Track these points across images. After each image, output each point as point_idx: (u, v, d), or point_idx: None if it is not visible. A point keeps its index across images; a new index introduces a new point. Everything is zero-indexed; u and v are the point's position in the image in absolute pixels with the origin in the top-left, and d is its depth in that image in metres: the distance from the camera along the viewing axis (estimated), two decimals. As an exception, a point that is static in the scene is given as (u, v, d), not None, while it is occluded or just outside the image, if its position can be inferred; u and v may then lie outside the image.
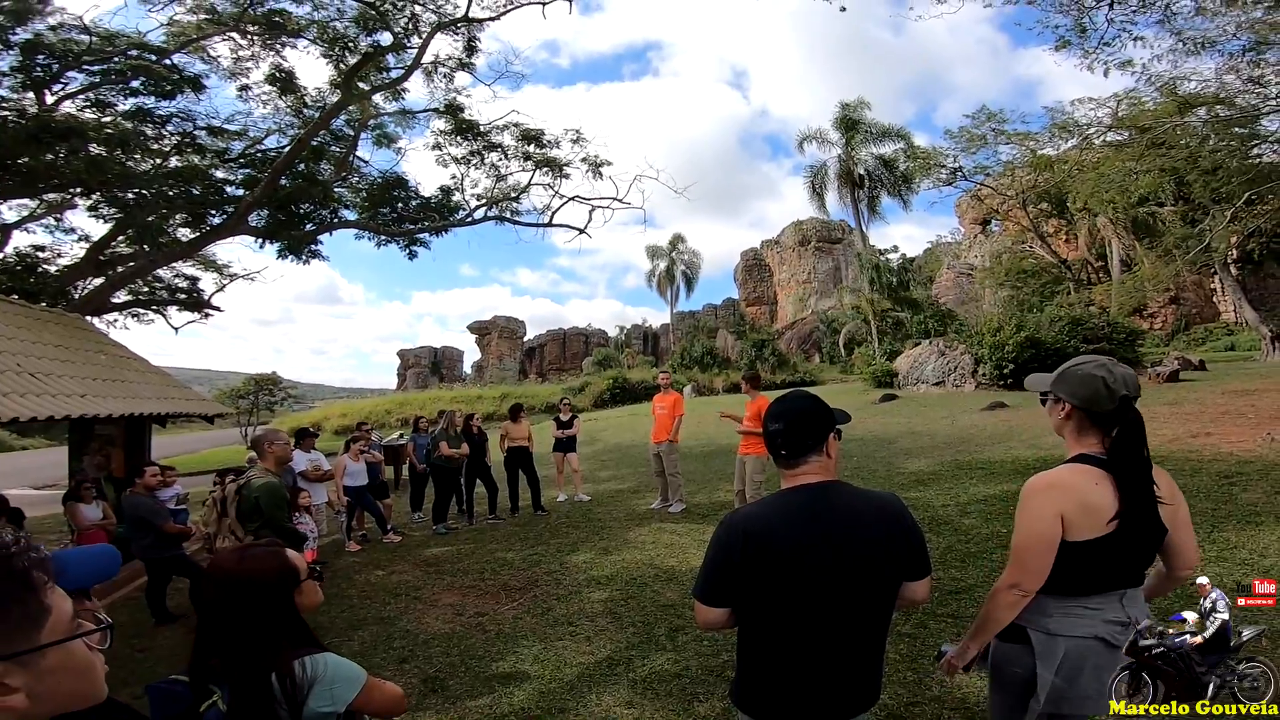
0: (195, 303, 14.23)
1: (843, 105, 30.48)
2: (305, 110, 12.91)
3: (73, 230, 14.04)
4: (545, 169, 14.56)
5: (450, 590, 5.45)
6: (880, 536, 1.55)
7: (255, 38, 11.79)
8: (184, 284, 14.05)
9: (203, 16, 11.30)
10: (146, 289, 13.34)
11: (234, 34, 11.66)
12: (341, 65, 11.72)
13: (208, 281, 14.63)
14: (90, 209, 11.92)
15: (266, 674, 1.43)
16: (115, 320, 13.21)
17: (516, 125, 14.06)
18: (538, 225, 15.41)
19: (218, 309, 14.62)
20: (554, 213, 15.21)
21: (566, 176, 14.69)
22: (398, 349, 59.50)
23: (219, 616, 1.49)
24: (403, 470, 11.06)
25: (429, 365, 58.31)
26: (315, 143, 11.99)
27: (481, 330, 58.00)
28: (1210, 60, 10.48)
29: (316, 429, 7.77)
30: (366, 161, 14.13)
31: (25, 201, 11.67)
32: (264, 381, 27.63)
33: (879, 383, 19.35)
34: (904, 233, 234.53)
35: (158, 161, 11.73)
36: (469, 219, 14.58)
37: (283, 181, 11.75)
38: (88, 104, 11.30)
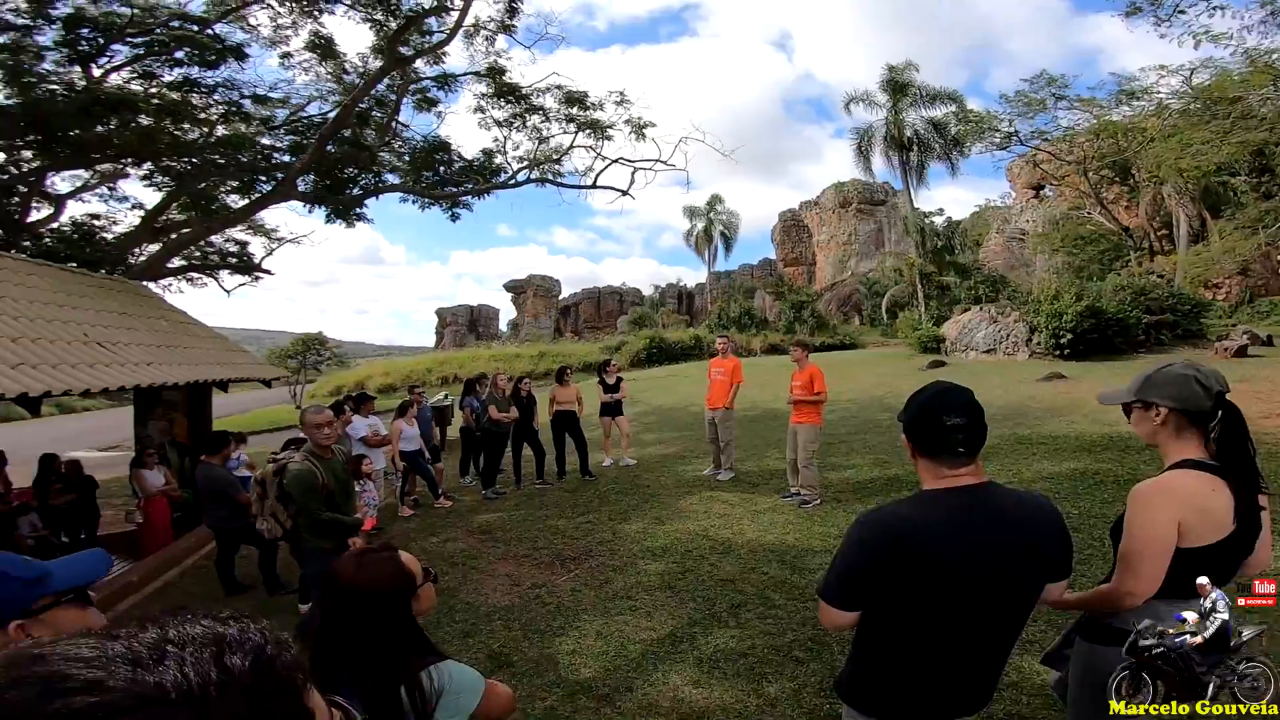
0: (246, 266, 14.55)
1: (889, 68, 28.92)
2: (346, 77, 12.86)
3: (126, 198, 14.57)
4: (588, 131, 14.36)
5: (505, 559, 5.49)
6: (1036, 542, 1.48)
7: (294, 4, 11.68)
8: (235, 248, 14.37)
9: None
10: (199, 254, 13.64)
11: (272, 1, 11.59)
12: (384, 30, 11.55)
13: (257, 245, 14.95)
14: (143, 178, 12.10)
15: (397, 686, 1.41)
16: (170, 285, 13.58)
17: (559, 88, 13.85)
18: (580, 187, 15.26)
19: (268, 272, 14.96)
20: (597, 175, 15.05)
21: (609, 139, 14.54)
22: (436, 308, 60.47)
23: (340, 627, 1.46)
24: (448, 432, 11.20)
25: (466, 324, 59.12)
26: (360, 108, 11.93)
27: (517, 289, 58.49)
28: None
29: (356, 395, 7.81)
30: (408, 126, 14.14)
31: (79, 172, 11.92)
32: (311, 342, 28.30)
33: (925, 348, 18.79)
34: (950, 196, 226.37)
35: (206, 130, 11.83)
36: (511, 181, 14.49)
37: (329, 148, 11.75)
38: (134, 75, 11.39)
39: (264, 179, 12.48)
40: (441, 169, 14.02)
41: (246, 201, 12.44)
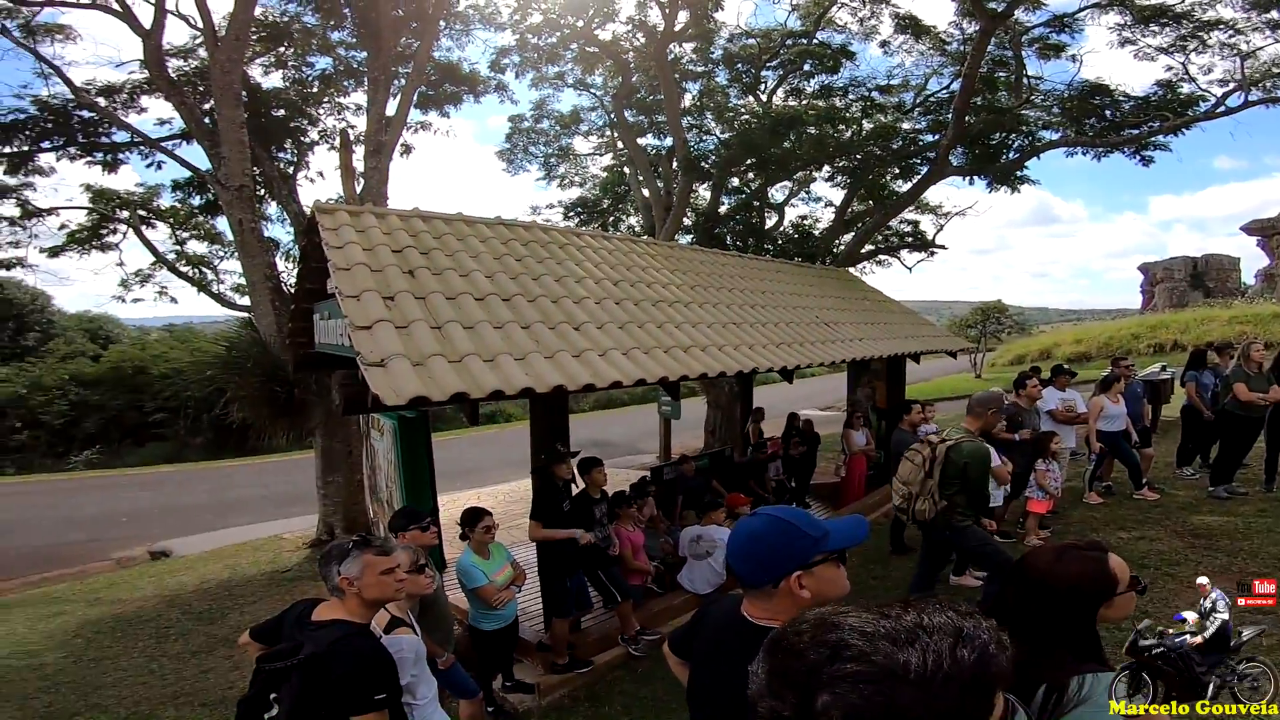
0: (922, 244, 16.27)
1: None
2: (949, 47, 12.83)
3: (819, 199, 18.37)
4: None
5: (1224, 574, 4.60)
6: None
7: None
8: (909, 229, 16.28)
9: None
10: (882, 238, 16.08)
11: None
12: None
13: (927, 223, 16.55)
14: (826, 179, 15.30)
15: (1039, 685, 1.43)
16: (864, 268, 16.55)
17: None
18: None
19: (942, 247, 16.27)
20: None
21: None
22: (1139, 263, 51.01)
23: (1014, 613, 1.52)
24: (1162, 411, 9.57)
25: (1186, 279, 47.44)
26: (981, 73, 11.67)
27: (1266, 230, 42.99)
28: None
29: (1053, 368, 7.60)
30: (1042, 79, 12.84)
31: (784, 183, 15.95)
32: (990, 310, 28.64)
33: None
34: None
35: (856, 128, 13.90)
36: (1220, 110, 11.30)
37: (967, 119, 11.94)
38: (788, 93, 14.61)
39: (918, 161, 13.69)
40: (1107, 113, 12.17)
41: (909, 185, 13.91)
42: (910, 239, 16.20)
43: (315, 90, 11.68)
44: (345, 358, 4.58)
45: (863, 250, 15.21)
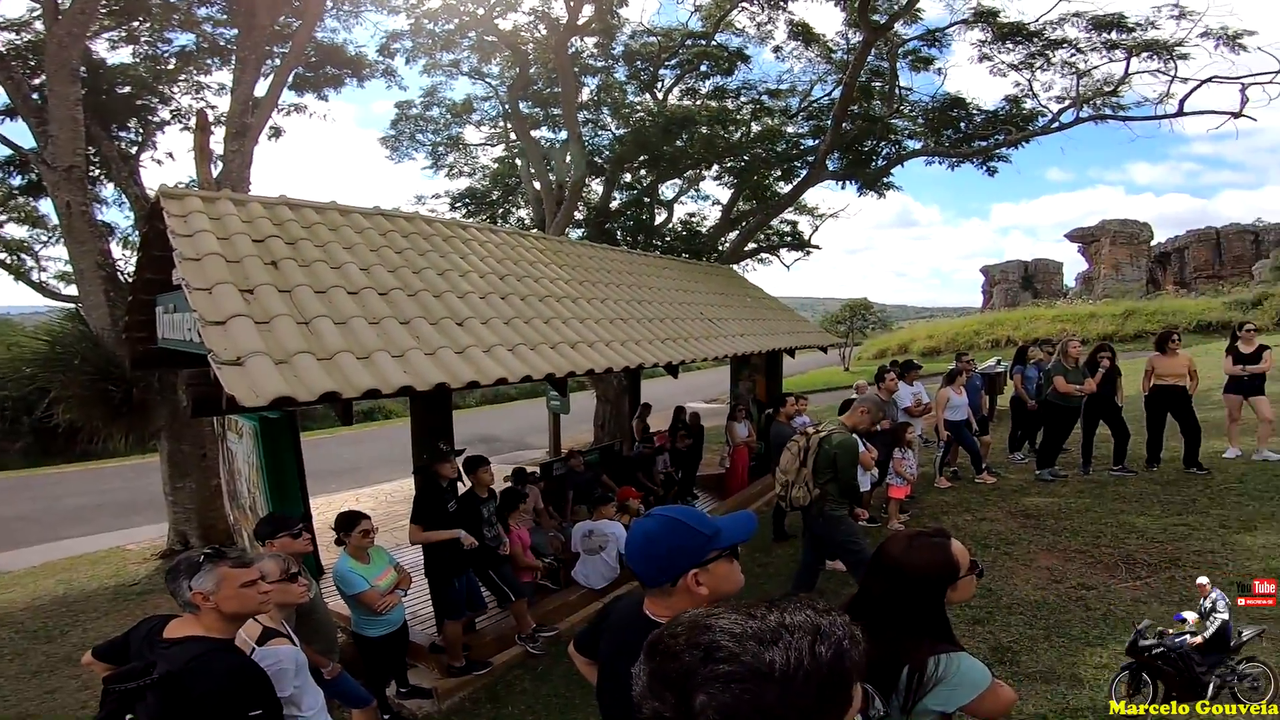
0: (800, 243, 17.22)
1: None
2: (834, 55, 13.73)
3: (708, 197, 19.03)
4: (1145, 54, 11.83)
5: (1050, 551, 5.23)
6: None
7: (763, 2, 13.17)
8: (788, 229, 17.17)
9: None
10: (764, 237, 16.84)
11: (744, 2, 13.27)
12: (849, 1, 11.89)
13: (804, 224, 17.50)
14: (715, 178, 15.86)
15: (901, 666, 1.52)
16: (746, 265, 17.23)
17: (1079, 15, 11.74)
18: (1158, 118, 12.45)
19: (817, 246, 17.32)
20: (1182, 100, 12.06)
21: (1184, 58, 11.64)
22: (981, 265, 57.81)
23: (873, 599, 1.62)
24: (998, 401, 10.74)
25: (1019, 280, 54.40)
26: (859, 82, 12.60)
27: (1086, 238, 50.94)
28: None
29: (903, 362, 8.27)
30: (911, 89, 14.17)
31: (675, 181, 16.33)
32: (857, 307, 30.97)
33: None
34: None
35: (745, 130, 14.56)
36: (1054, 125, 12.87)
37: (844, 125, 12.80)
38: (683, 93, 14.98)
39: (799, 164, 14.51)
40: (962, 125, 13.50)
41: (790, 187, 14.67)
42: (789, 238, 17.08)
43: (171, 67, 10.52)
44: (195, 355, 4.14)
45: (746, 248, 15.82)
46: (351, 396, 3.53)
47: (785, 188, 14.96)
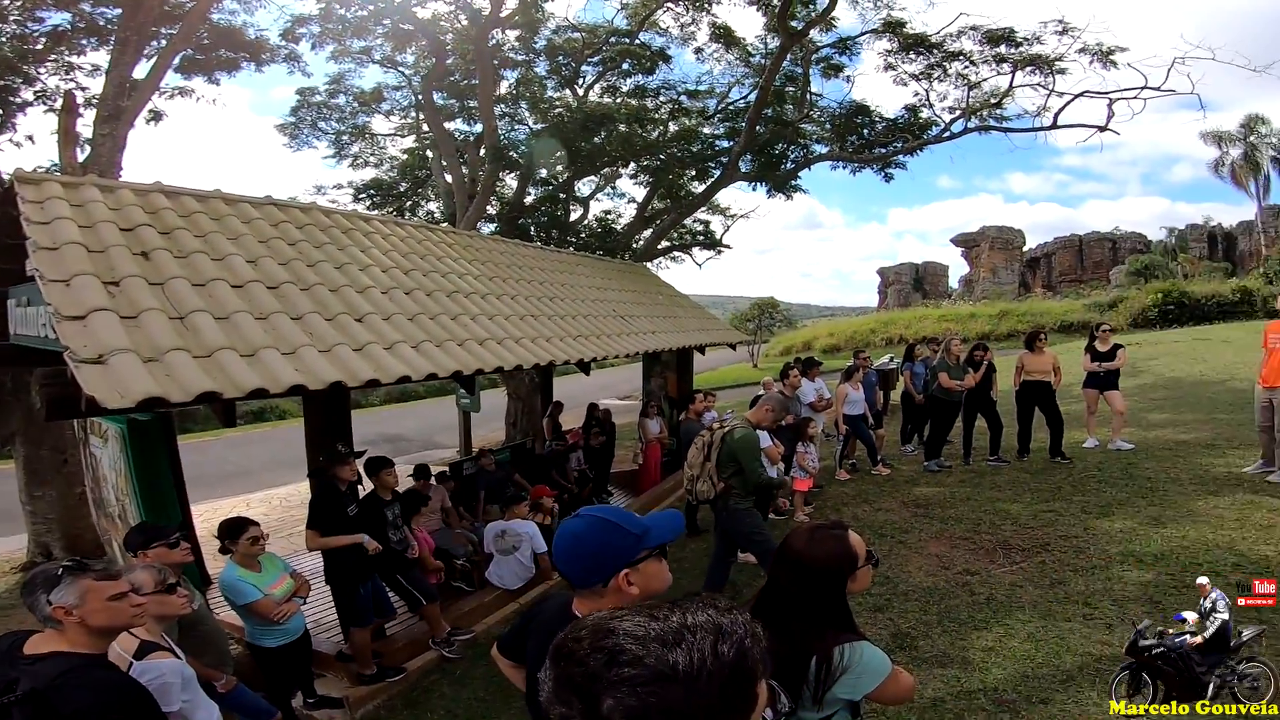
0: (712, 242, 17.60)
1: None
2: (753, 59, 14.17)
3: (623, 195, 19.21)
4: (1029, 68, 12.83)
5: (939, 539, 5.57)
6: None
7: (688, 3, 13.48)
8: (700, 228, 17.53)
9: None
10: (677, 235, 17.08)
11: (669, 2, 13.55)
12: (770, 8, 12.36)
13: (717, 224, 17.97)
14: (631, 176, 15.90)
15: (810, 657, 1.56)
16: (660, 263, 17.42)
17: (974, 28, 12.64)
18: (1034, 130, 13.60)
19: (728, 246, 17.75)
20: (1057, 113, 13.16)
21: (1062, 72, 12.74)
22: (877, 267, 61.64)
23: (780, 592, 1.67)
24: (891, 397, 11.37)
25: (911, 282, 58.38)
26: (774, 87, 13.05)
27: (968, 243, 55.39)
28: None
29: (804, 360, 8.58)
30: (821, 95, 14.80)
31: (591, 178, 16.29)
32: (765, 306, 32.12)
33: None
34: None
35: (662, 129, 14.75)
36: (945, 135, 13.76)
37: (758, 128, 13.22)
38: (604, 90, 15.00)
39: (713, 165, 14.80)
40: (865, 131, 14.16)
41: (704, 187, 15.00)
42: (702, 237, 17.42)
43: (40, 47, 9.49)
44: (52, 352, 3.72)
45: (659, 246, 15.98)
46: (235, 397, 3.28)
47: (699, 188, 15.23)
